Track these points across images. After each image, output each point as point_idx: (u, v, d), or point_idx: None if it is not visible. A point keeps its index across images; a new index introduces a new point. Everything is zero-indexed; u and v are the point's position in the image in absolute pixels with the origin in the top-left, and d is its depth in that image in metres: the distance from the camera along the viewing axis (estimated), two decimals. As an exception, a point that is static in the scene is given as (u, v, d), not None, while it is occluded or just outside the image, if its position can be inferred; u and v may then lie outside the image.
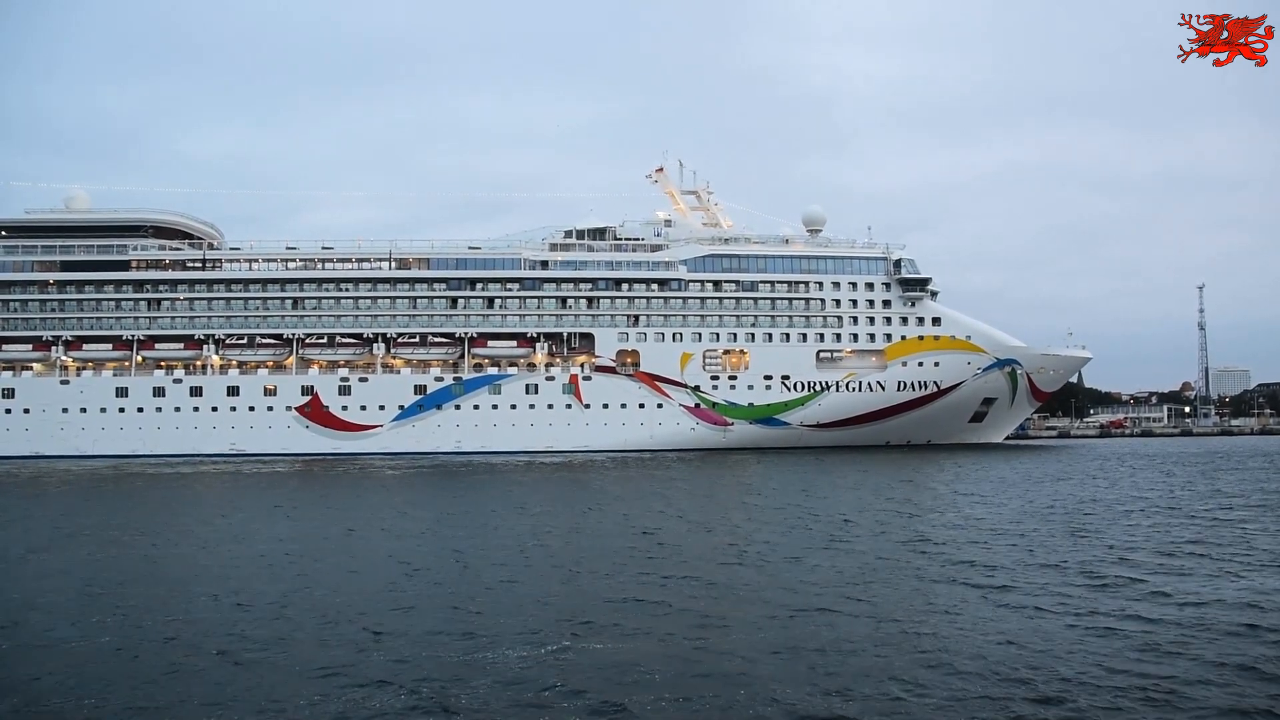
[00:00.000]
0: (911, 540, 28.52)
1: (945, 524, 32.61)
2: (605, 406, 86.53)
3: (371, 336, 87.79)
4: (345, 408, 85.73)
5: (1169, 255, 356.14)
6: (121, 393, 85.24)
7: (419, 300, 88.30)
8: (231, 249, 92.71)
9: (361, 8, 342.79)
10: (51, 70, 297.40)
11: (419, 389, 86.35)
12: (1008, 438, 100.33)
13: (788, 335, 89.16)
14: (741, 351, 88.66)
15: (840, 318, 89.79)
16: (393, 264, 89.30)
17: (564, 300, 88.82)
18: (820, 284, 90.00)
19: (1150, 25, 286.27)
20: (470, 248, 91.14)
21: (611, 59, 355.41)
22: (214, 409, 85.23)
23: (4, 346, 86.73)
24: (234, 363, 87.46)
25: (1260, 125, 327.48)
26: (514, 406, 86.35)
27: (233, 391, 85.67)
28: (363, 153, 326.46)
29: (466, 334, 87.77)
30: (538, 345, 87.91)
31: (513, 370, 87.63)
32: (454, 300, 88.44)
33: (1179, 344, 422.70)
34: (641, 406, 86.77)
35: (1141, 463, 70.60)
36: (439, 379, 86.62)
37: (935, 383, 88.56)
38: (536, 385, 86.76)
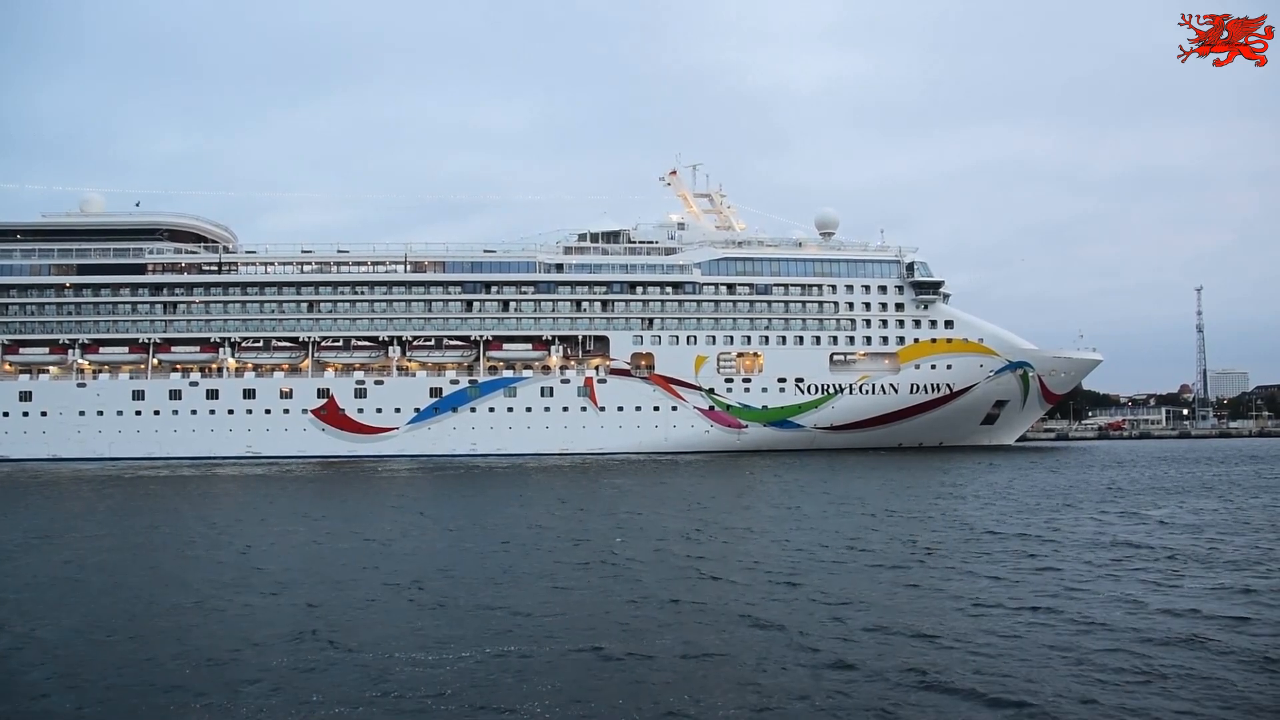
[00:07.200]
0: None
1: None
2: (620, 409, 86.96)
3: (387, 339, 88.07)
4: (361, 410, 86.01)
5: (1147, 254, 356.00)
6: (138, 395, 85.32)
7: (434, 303, 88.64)
8: (247, 252, 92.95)
9: (317, 8, 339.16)
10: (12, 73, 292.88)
11: (434, 392, 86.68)
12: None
13: (801, 338, 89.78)
14: (755, 354, 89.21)
15: (853, 320, 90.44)
16: (408, 267, 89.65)
17: (578, 303, 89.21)
18: (834, 287, 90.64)
19: (1117, 22, 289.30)
20: (485, 250, 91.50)
21: (564, 60, 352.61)
22: (230, 412, 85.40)
23: (21, 349, 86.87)
24: (250, 366, 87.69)
25: (1234, 124, 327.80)
26: (529, 409, 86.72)
27: (249, 394, 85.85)
28: (320, 155, 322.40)
29: (481, 337, 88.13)
30: (552, 348, 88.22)
31: (528, 373, 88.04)
32: (469, 303, 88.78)
33: (1177, 346, 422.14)
34: (656, 409, 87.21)
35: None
36: (454, 382, 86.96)
37: (948, 385, 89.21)
38: (551, 388, 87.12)
